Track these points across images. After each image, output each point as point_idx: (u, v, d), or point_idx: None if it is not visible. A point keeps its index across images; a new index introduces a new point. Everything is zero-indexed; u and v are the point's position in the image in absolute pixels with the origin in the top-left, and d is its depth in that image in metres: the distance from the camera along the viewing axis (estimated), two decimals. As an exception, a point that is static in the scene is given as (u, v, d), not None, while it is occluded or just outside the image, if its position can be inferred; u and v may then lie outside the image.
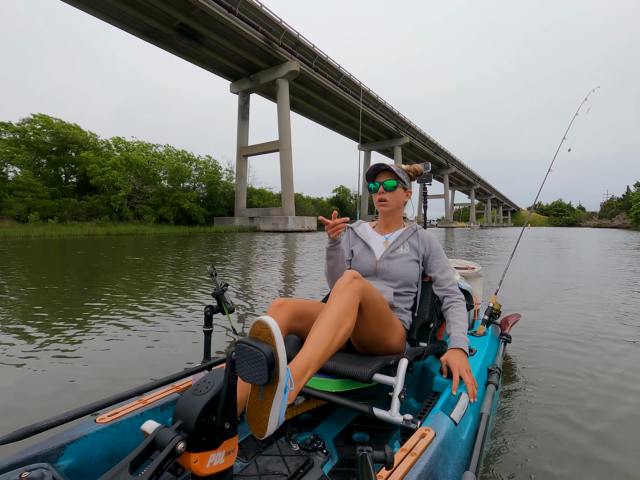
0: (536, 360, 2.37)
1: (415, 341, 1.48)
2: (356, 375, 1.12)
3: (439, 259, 1.50)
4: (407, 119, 48.07)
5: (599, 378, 2.12)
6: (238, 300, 4.17)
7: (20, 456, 0.81)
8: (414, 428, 0.97)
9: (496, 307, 1.93)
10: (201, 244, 14.03)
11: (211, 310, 1.36)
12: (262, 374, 0.73)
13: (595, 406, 1.79)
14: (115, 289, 4.74)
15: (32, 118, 26.90)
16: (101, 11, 24.60)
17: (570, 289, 5.00)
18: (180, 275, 6.01)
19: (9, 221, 20.99)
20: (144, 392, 1.15)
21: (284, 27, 27.60)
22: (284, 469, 1.05)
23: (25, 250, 11.04)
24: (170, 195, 30.40)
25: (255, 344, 0.74)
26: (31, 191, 23.64)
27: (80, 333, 2.89)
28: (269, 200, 41.56)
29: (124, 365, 2.31)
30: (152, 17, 24.83)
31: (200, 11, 23.77)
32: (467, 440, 1.03)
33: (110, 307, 3.74)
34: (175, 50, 28.97)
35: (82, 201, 26.05)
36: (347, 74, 34.58)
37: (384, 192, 1.50)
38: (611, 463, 1.36)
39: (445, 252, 9.45)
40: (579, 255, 10.59)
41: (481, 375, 1.35)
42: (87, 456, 0.91)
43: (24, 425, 0.92)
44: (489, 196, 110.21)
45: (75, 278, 5.60)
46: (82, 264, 7.52)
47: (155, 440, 0.68)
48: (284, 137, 30.29)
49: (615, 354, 2.50)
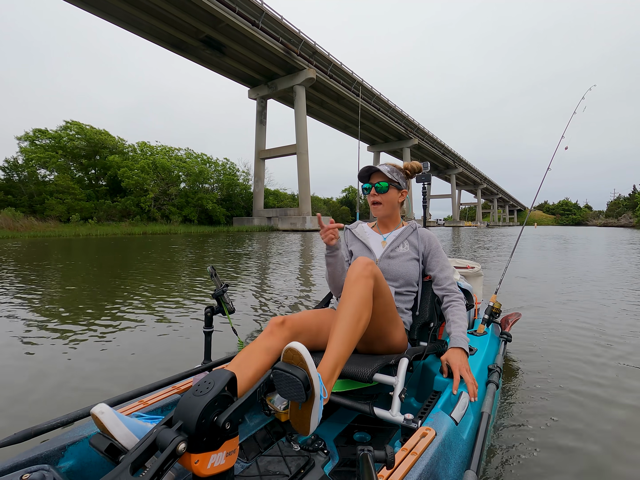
0: (537, 359, 2.38)
1: (415, 341, 1.49)
2: (357, 375, 1.13)
3: (438, 258, 1.50)
4: (416, 121, 49.46)
5: (600, 376, 2.11)
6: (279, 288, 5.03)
7: (21, 458, 0.81)
8: (414, 427, 0.98)
9: (496, 306, 1.93)
10: (242, 242, 15.48)
11: (211, 311, 1.36)
12: (300, 394, 0.84)
13: (597, 404, 1.78)
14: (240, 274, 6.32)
15: (66, 125, 28.81)
16: (132, 24, 26.32)
17: (571, 286, 5.08)
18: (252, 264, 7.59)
19: (53, 222, 22.80)
20: (144, 394, 1.16)
21: (302, 37, 29.19)
22: (285, 469, 1.05)
23: (98, 248, 12.68)
24: (194, 197, 32.14)
25: (291, 370, 0.84)
26: (69, 194, 25.46)
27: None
28: (284, 201, 43.26)
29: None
30: (180, 30, 26.52)
31: (225, 25, 25.40)
32: (468, 439, 1.03)
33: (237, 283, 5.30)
34: (199, 60, 30.67)
35: (116, 202, 27.87)
36: (359, 79, 36.07)
37: (376, 194, 1.50)
38: (612, 464, 1.34)
39: (455, 251, 10.41)
40: (577, 251, 11.45)
41: (482, 374, 1.35)
42: (87, 457, 0.91)
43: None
44: (495, 195, 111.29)
45: (190, 271, 7.20)
46: (171, 258, 9.12)
47: (156, 441, 0.68)
48: (301, 141, 31.90)
49: (616, 352, 2.49)
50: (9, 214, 20.73)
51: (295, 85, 31.44)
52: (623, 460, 1.37)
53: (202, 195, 32.62)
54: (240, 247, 12.84)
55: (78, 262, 8.11)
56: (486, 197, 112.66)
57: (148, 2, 23.25)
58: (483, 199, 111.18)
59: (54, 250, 11.15)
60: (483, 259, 8.94)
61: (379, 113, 41.02)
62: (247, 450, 1.17)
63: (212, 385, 0.74)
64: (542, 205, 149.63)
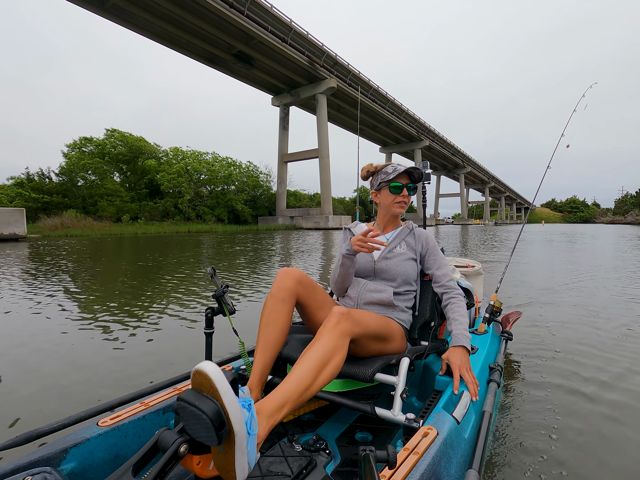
0: (538, 357, 2.37)
1: (416, 340, 1.49)
2: (358, 375, 1.14)
3: (435, 256, 1.53)
4: (427, 124, 51.66)
5: (603, 373, 2.12)
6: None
7: (22, 460, 0.81)
8: (416, 427, 0.98)
9: (497, 304, 1.92)
10: (288, 239, 17.40)
11: (212, 312, 1.34)
12: (210, 435, 0.65)
13: (599, 403, 1.79)
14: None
15: (108, 132, 31.57)
16: (171, 41, 28.87)
17: (573, 283, 5.14)
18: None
19: (108, 222, 25.47)
20: (145, 395, 1.16)
21: (325, 50, 31.61)
22: (286, 469, 1.04)
23: (172, 244, 14.99)
24: (224, 198, 34.76)
25: (197, 403, 0.66)
26: (117, 196, 28.17)
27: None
28: (302, 201, 45.76)
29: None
30: (214, 45, 29.03)
31: (257, 41, 27.88)
32: (470, 438, 1.03)
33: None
34: (229, 72, 33.22)
35: (158, 204, 30.58)
36: (375, 86, 38.39)
37: (406, 195, 1.52)
38: (612, 462, 1.36)
39: (470, 248, 12.35)
40: (578, 245, 12.20)
41: (483, 373, 1.35)
42: (89, 460, 0.91)
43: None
44: (503, 194, 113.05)
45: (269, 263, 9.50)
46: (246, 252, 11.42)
47: (158, 443, 0.67)
48: (322, 146, 34.34)
49: (619, 350, 2.51)
50: (72, 215, 23.46)
51: (318, 94, 33.87)
52: (627, 456, 1.38)
53: (231, 196, 35.22)
54: (296, 243, 14.65)
55: (188, 254, 10.29)
56: (494, 195, 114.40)
57: (189, 23, 25.78)
58: (490, 197, 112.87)
59: (145, 245, 13.36)
60: (498, 256, 9.36)
61: (392, 117, 43.31)
62: None
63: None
64: (550, 203, 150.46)
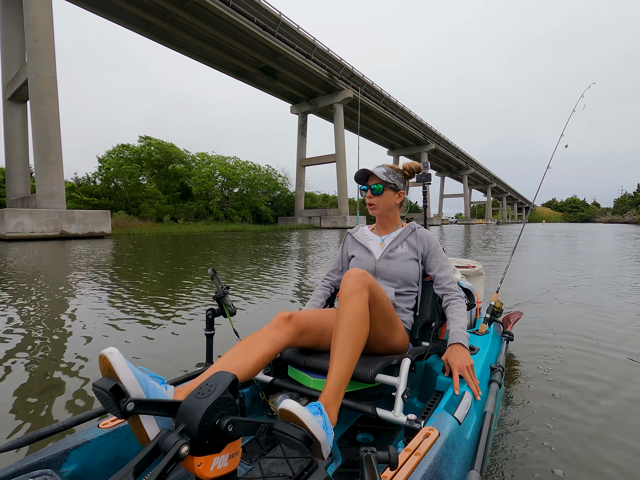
0: (539, 357, 2.37)
1: (417, 341, 1.49)
2: (359, 376, 1.13)
3: (437, 257, 1.52)
4: (434, 128, 54.46)
5: (605, 374, 2.11)
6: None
7: (23, 463, 0.80)
8: (417, 428, 0.98)
9: (498, 305, 1.92)
10: (314, 236, 19.88)
11: (212, 313, 1.36)
12: (304, 450, 0.76)
13: (601, 403, 1.78)
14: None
15: (143, 139, 34.39)
16: (203, 57, 31.69)
17: (573, 283, 5.11)
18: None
19: (151, 222, 28.28)
20: None
21: (343, 63, 34.45)
22: (288, 471, 1.05)
23: (233, 241, 17.73)
24: (249, 200, 37.61)
25: (290, 432, 0.77)
26: (156, 198, 30.97)
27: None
28: (317, 202, 48.58)
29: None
30: (242, 60, 31.84)
31: (284, 57, 30.68)
32: (471, 439, 1.04)
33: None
34: (254, 84, 36.04)
35: (192, 205, 33.40)
36: (386, 94, 41.20)
37: (371, 196, 1.52)
38: (615, 464, 1.35)
39: (474, 247, 14.00)
40: (576, 243, 13.31)
41: (484, 374, 1.35)
42: (90, 461, 0.91)
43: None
44: (504, 194, 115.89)
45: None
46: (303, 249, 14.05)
47: (159, 445, 0.68)
48: (339, 151, 37.17)
49: (622, 349, 2.50)
50: (122, 216, 26.28)
51: (335, 104, 36.67)
52: (630, 458, 1.37)
53: (255, 198, 38.06)
54: (319, 240, 16.93)
55: (251, 249, 12.87)
56: (495, 195, 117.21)
57: (224, 42, 28.56)
58: (492, 197, 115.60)
59: (207, 241, 15.89)
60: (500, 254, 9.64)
61: (401, 122, 46.09)
62: (249, 452, 1.16)
63: (214, 388, 0.73)
64: (551, 203, 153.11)
